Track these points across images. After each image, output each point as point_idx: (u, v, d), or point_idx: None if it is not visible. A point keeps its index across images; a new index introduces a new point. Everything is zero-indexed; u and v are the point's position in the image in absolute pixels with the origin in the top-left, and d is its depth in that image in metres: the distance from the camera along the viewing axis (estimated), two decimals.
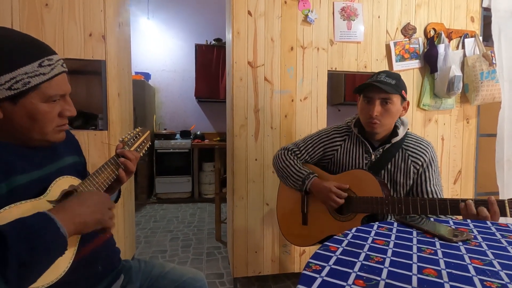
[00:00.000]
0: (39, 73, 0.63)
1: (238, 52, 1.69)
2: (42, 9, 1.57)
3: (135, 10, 3.92)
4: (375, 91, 1.06)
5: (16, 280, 0.49)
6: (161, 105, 4.17)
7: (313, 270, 0.54)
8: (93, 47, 1.65)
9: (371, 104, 1.08)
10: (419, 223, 0.77)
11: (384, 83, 1.05)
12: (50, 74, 0.65)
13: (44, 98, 0.65)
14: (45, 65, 0.64)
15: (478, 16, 1.96)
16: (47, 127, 0.67)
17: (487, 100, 1.88)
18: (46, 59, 0.64)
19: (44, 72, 0.64)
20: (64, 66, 0.69)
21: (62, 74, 0.68)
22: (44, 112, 0.65)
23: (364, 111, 1.10)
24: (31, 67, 0.62)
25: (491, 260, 0.58)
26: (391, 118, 1.09)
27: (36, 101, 0.64)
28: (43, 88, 0.64)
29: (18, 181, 0.62)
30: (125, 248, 1.90)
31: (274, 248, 1.81)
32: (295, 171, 1.21)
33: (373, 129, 1.10)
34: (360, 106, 1.14)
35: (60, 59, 0.69)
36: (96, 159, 1.66)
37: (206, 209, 3.49)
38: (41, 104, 0.65)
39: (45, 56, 0.65)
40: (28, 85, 0.62)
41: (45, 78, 0.64)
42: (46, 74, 0.64)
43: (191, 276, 0.93)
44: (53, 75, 0.65)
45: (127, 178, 0.84)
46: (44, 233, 0.54)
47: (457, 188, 2.01)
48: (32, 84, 0.62)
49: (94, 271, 0.75)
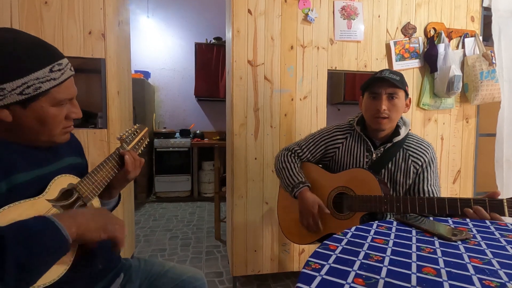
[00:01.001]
0: (50, 78, 0.63)
1: (238, 50, 1.69)
2: (41, 7, 1.57)
3: (135, 9, 3.91)
4: (382, 86, 1.07)
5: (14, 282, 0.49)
6: (161, 104, 4.16)
7: (312, 268, 0.54)
8: (93, 45, 1.64)
9: (377, 100, 1.08)
10: (418, 222, 0.77)
11: (393, 79, 1.06)
12: (60, 79, 0.65)
13: (53, 102, 0.65)
14: (55, 70, 0.64)
15: (478, 16, 1.96)
16: (55, 129, 0.68)
17: (486, 100, 1.88)
18: (57, 64, 0.65)
19: (55, 77, 0.64)
20: (72, 70, 0.70)
21: (71, 77, 0.69)
22: (53, 116, 0.66)
23: (371, 107, 1.10)
24: (42, 73, 0.62)
25: (490, 259, 0.58)
26: (398, 113, 1.10)
27: (46, 105, 0.64)
28: (53, 92, 0.64)
29: (18, 180, 0.62)
30: (125, 246, 1.90)
31: (273, 247, 1.81)
32: (290, 175, 1.22)
33: (381, 125, 1.10)
34: (365, 104, 1.13)
35: (69, 62, 0.69)
36: (95, 158, 1.66)
37: (205, 208, 3.49)
38: (50, 108, 0.65)
39: (56, 61, 0.65)
40: (39, 90, 0.62)
41: (55, 83, 0.64)
42: (57, 79, 0.64)
43: (190, 275, 0.93)
44: (63, 80, 0.66)
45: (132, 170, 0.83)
46: (44, 236, 0.54)
47: (456, 187, 2.01)
48: (43, 89, 0.62)
49: (94, 270, 0.75)
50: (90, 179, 0.74)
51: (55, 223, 0.56)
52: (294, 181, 1.20)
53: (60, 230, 0.56)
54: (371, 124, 1.13)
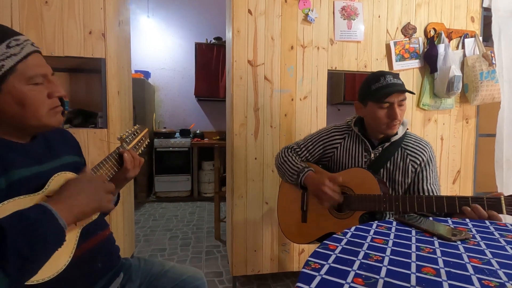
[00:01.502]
0: (10, 54, 0.62)
1: (238, 50, 1.69)
2: (42, 6, 1.57)
3: (135, 8, 3.92)
4: (394, 95, 1.05)
5: (16, 273, 0.49)
6: (161, 104, 4.16)
7: (312, 268, 0.54)
8: (93, 45, 1.64)
9: (391, 109, 1.06)
10: (418, 222, 0.77)
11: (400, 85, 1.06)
12: (22, 53, 0.64)
13: (24, 79, 0.64)
14: (13, 46, 0.63)
15: (478, 16, 1.96)
16: (39, 110, 0.66)
17: (486, 100, 1.88)
18: (13, 40, 0.64)
19: (15, 53, 0.63)
20: (35, 46, 0.68)
21: (36, 54, 0.68)
22: (30, 95, 0.65)
23: (384, 116, 1.07)
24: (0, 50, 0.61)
25: (490, 259, 0.58)
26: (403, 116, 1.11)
27: (18, 85, 0.63)
28: (20, 69, 0.63)
29: (18, 175, 0.62)
30: (125, 246, 1.90)
31: (273, 247, 1.81)
32: (292, 165, 1.23)
33: (394, 130, 1.10)
34: (374, 112, 1.09)
35: (29, 39, 0.68)
36: (95, 157, 1.66)
37: (205, 208, 3.49)
38: (24, 86, 0.64)
39: (11, 37, 0.64)
40: (3, 69, 0.61)
41: (17, 58, 0.63)
42: (18, 54, 0.63)
43: (190, 274, 0.94)
44: (25, 54, 0.64)
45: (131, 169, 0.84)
46: (43, 225, 0.54)
47: (456, 188, 2.01)
48: (6, 66, 0.62)
49: (93, 268, 0.75)
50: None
51: (52, 212, 0.57)
52: (298, 168, 1.20)
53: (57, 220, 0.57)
54: (381, 131, 1.12)
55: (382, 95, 1.05)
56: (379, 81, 1.07)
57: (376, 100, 1.08)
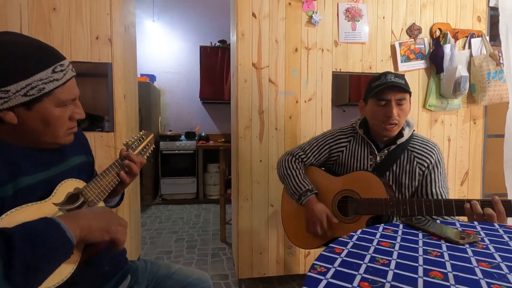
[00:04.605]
0: (53, 79, 0.64)
1: (242, 53, 1.70)
2: (50, 13, 1.60)
3: (140, 13, 3.96)
4: (391, 92, 1.04)
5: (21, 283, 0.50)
6: (166, 107, 4.19)
7: (318, 272, 0.54)
8: (100, 50, 1.67)
9: (387, 107, 1.05)
10: (425, 225, 0.76)
11: (400, 84, 1.04)
12: (63, 79, 0.66)
13: (57, 103, 0.66)
14: (58, 71, 0.65)
15: (485, 16, 1.94)
16: (59, 130, 0.69)
17: (494, 100, 1.86)
18: (59, 65, 0.66)
19: (58, 78, 0.65)
20: (74, 70, 0.71)
21: (73, 78, 0.70)
22: (57, 117, 0.67)
23: (380, 114, 1.07)
24: (45, 74, 0.63)
25: (499, 263, 0.57)
26: (405, 117, 1.09)
27: (50, 106, 0.65)
28: (57, 93, 0.65)
29: (24, 183, 0.63)
30: (131, 248, 1.91)
31: (279, 249, 1.81)
32: (295, 182, 1.20)
33: (390, 132, 1.08)
34: (372, 110, 1.10)
35: (70, 63, 0.70)
36: (102, 161, 1.68)
37: (211, 210, 3.50)
38: (54, 109, 0.66)
39: (58, 62, 0.66)
40: (42, 91, 0.63)
41: (58, 83, 0.65)
42: (60, 79, 0.65)
43: (196, 277, 0.94)
44: (65, 80, 0.67)
45: (130, 180, 0.84)
46: (50, 237, 0.55)
47: (464, 189, 1.99)
48: (46, 90, 0.63)
49: (100, 271, 0.76)
50: (96, 183, 0.75)
51: (60, 225, 0.57)
52: (300, 189, 1.18)
53: (65, 232, 0.57)
54: (379, 131, 1.11)
55: (379, 91, 1.06)
56: (379, 79, 1.08)
57: (373, 97, 1.09)
